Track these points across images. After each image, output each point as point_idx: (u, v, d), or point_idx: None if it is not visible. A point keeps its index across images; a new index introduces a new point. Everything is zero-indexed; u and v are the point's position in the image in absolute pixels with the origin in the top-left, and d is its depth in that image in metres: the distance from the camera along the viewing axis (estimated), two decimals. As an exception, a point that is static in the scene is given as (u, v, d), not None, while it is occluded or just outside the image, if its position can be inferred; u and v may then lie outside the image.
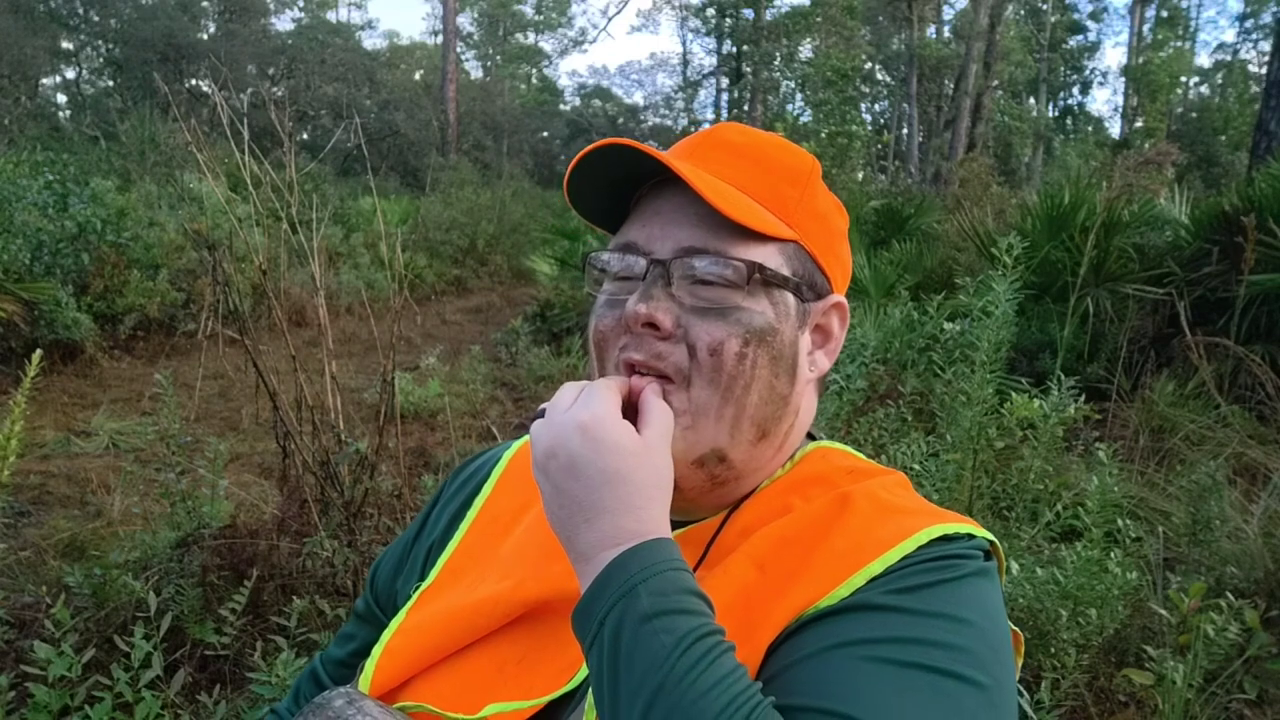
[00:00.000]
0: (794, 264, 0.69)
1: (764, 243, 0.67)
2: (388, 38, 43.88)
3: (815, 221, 0.71)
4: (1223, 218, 5.42)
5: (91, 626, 2.37)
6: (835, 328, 0.73)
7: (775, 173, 0.70)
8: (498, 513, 0.81)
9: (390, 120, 23.92)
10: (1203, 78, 36.70)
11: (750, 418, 0.68)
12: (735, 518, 0.71)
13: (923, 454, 2.55)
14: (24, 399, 2.14)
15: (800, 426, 0.74)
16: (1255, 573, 2.66)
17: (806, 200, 0.71)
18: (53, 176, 7.77)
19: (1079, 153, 19.28)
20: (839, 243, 0.74)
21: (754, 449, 0.69)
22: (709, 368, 0.65)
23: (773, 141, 0.72)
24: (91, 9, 23.67)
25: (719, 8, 31.97)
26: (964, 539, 0.66)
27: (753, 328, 0.66)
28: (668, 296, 0.66)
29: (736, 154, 0.70)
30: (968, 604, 0.62)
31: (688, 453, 0.67)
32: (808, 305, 0.70)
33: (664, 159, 0.65)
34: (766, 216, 0.68)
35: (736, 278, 0.65)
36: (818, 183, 0.72)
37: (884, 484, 0.71)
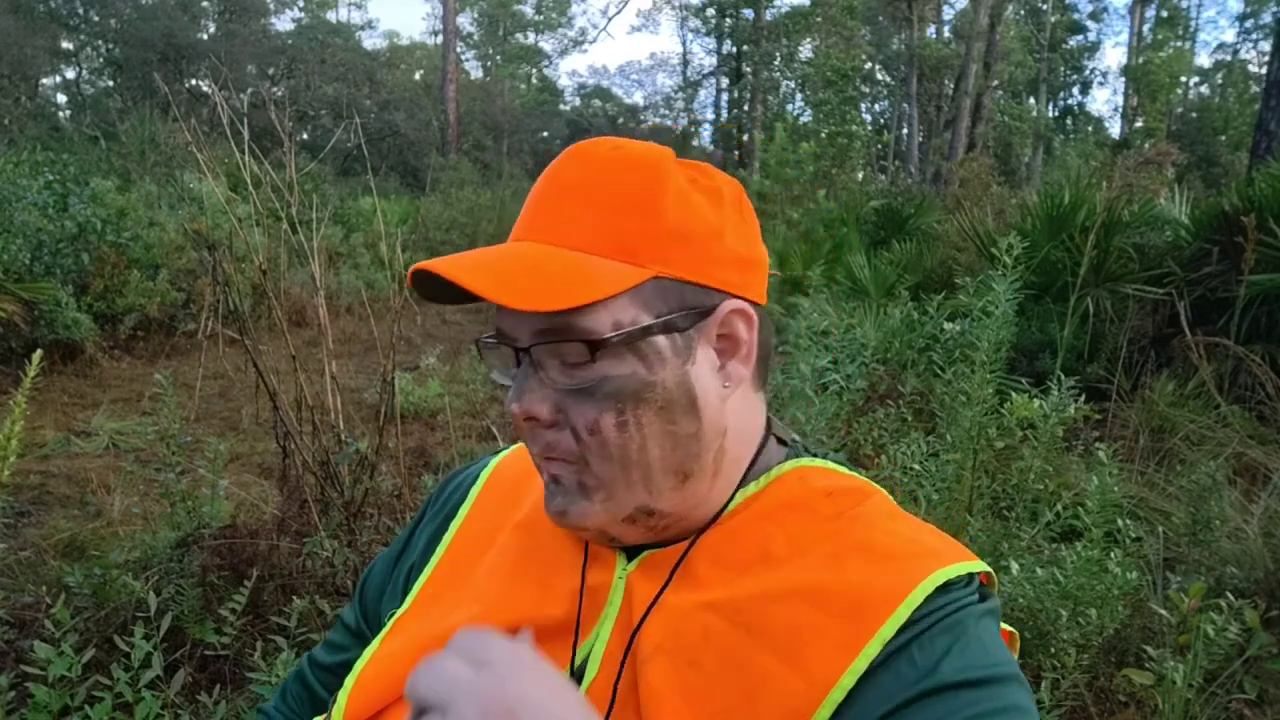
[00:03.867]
0: (656, 302, 0.61)
1: (612, 300, 0.60)
2: (388, 38, 43.89)
3: (672, 242, 0.62)
4: (1223, 218, 5.42)
5: (91, 626, 2.37)
6: (741, 332, 0.65)
7: (612, 208, 0.62)
8: (476, 533, 0.78)
9: (390, 120, 23.92)
10: (1203, 78, 36.71)
11: (661, 470, 0.63)
12: (703, 541, 0.67)
13: (923, 454, 2.55)
14: (24, 399, 2.14)
15: (741, 440, 0.68)
16: (1255, 573, 2.66)
17: (653, 225, 0.62)
18: (53, 176, 7.77)
19: (1079, 153, 19.28)
20: (714, 244, 0.64)
21: (682, 492, 0.65)
22: (595, 446, 0.62)
23: (609, 164, 0.64)
24: (91, 9, 23.67)
25: (719, 8, 31.97)
26: (963, 581, 0.63)
27: (624, 394, 0.61)
28: (540, 384, 0.62)
29: (572, 198, 0.63)
30: (997, 655, 0.60)
31: (615, 516, 0.65)
32: (691, 332, 0.63)
33: (464, 282, 0.58)
34: (599, 275, 0.60)
35: (581, 357, 0.60)
36: (665, 194, 0.62)
37: (869, 515, 0.66)
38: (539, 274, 0.60)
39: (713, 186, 0.66)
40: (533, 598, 0.68)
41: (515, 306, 0.58)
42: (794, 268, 7.36)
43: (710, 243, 0.64)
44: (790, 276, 7.21)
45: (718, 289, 0.64)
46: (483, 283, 0.58)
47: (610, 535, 0.66)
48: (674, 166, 0.64)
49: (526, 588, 0.69)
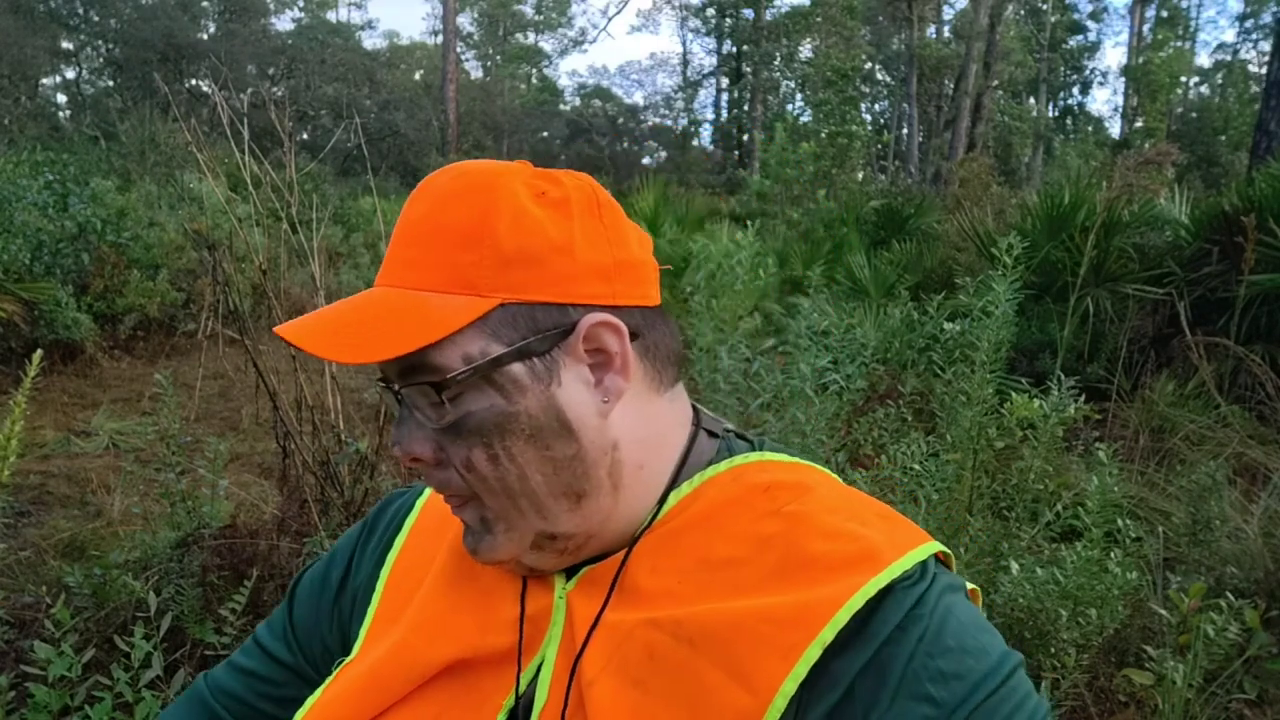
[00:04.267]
0: (506, 331, 0.60)
1: (458, 334, 0.59)
2: (388, 38, 43.92)
3: (513, 267, 0.60)
4: (1223, 218, 5.43)
5: (91, 626, 2.37)
6: (610, 344, 0.62)
7: (448, 242, 0.60)
8: (411, 565, 0.76)
9: (390, 120, 23.93)
10: (1203, 78, 36.72)
11: (550, 495, 0.62)
12: (639, 550, 0.65)
13: (923, 454, 2.55)
14: (24, 399, 2.14)
15: (645, 447, 0.66)
16: (1255, 573, 2.66)
17: (488, 253, 0.60)
18: (53, 176, 7.77)
19: (1079, 153, 19.28)
20: (562, 259, 0.61)
21: (581, 512, 0.63)
22: (475, 482, 0.62)
23: (445, 196, 0.62)
24: (91, 9, 23.67)
25: (719, 8, 31.99)
26: (910, 576, 0.60)
27: (488, 428, 0.60)
28: (419, 425, 0.62)
29: (415, 238, 0.62)
30: (975, 641, 0.58)
31: (521, 544, 0.64)
32: (552, 354, 0.61)
33: (302, 345, 0.59)
34: (437, 314, 0.59)
35: (432, 399, 0.60)
36: (499, 219, 0.60)
37: (808, 510, 0.63)
38: (378, 322, 0.59)
39: (560, 197, 0.62)
40: (474, 625, 0.66)
41: (348, 361, 0.58)
42: (794, 268, 7.37)
43: (557, 259, 0.61)
44: (790, 276, 7.22)
45: (575, 304, 0.61)
46: (317, 343, 0.59)
47: (527, 565, 0.65)
48: (512, 184, 0.62)
49: (467, 616, 0.67)
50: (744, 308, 4.28)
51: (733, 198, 15.82)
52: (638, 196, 8.87)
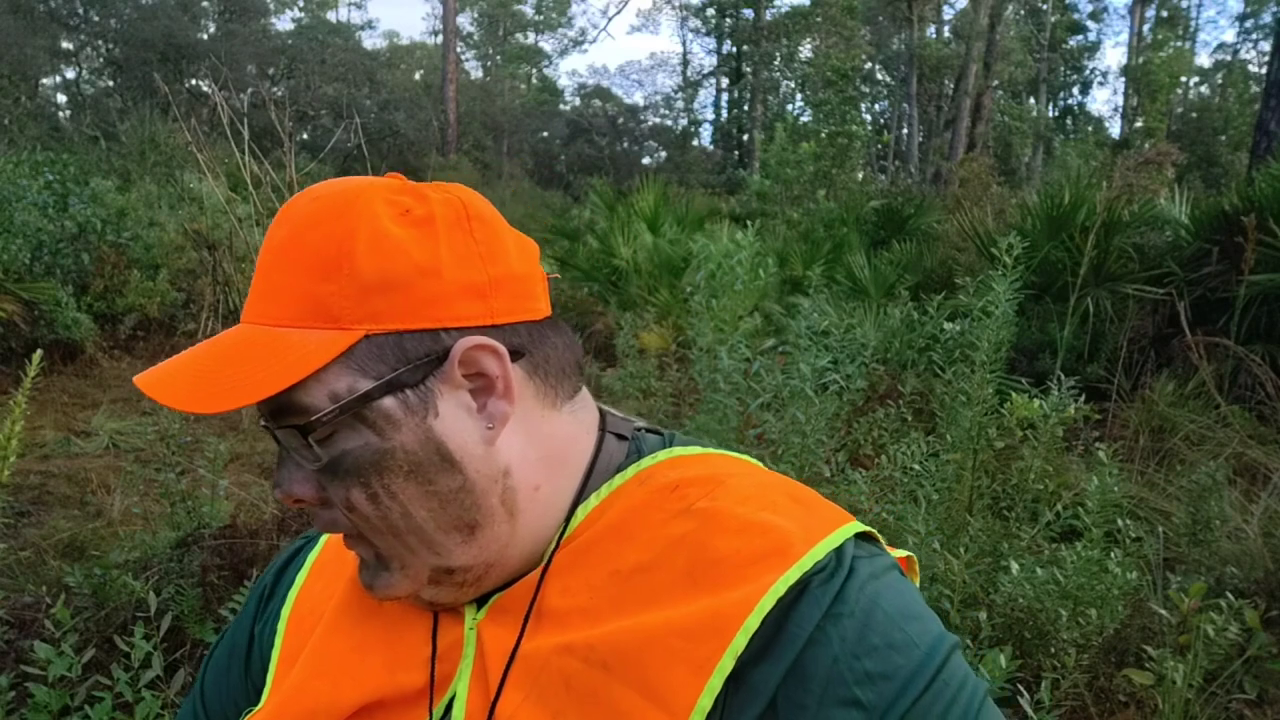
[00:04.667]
0: (373, 364, 0.56)
1: (322, 372, 0.55)
2: (388, 38, 43.93)
3: (375, 295, 0.56)
4: (1223, 218, 5.43)
5: (91, 626, 2.37)
6: (491, 367, 0.58)
7: (307, 273, 0.56)
8: (313, 603, 0.71)
9: (390, 120, 23.94)
10: (1203, 78, 36.72)
11: (439, 530, 0.59)
12: (550, 571, 0.62)
13: (923, 454, 2.55)
14: (24, 399, 2.14)
15: (541, 468, 0.62)
16: (1255, 573, 2.66)
17: (349, 282, 0.56)
18: (53, 176, 7.77)
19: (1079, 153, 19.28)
20: (429, 282, 0.57)
21: (476, 543, 0.60)
22: (359, 522, 0.59)
23: (302, 222, 0.58)
24: (91, 9, 23.68)
25: (719, 8, 31.99)
26: (825, 567, 0.58)
27: (363, 467, 0.57)
28: (299, 466, 0.59)
29: (276, 268, 0.58)
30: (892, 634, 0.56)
31: (417, 580, 0.61)
32: (425, 384, 0.57)
33: (154, 396, 0.56)
34: (296, 353, 0.55)
35: (302, 441, 0.57)
36: (357, 245, 0.56)
37: (718, 507, 0.60)
38: (236, 365, 0.56)
39: (425, 214, 0.58)
40: (382, 664, 0.63)
41: (205, 412, 0.54)
42: (794, 268, 7.37)
43: (423, 282, 0.56)
44: (790, 276, 7.22)
45: (447, 328, 0.57)
46: (173, 393, 0.56)
47: (426, 600, 0.62)
48: (372, 206, 0.57)
49: (374, 655, 0.64)
50: (744, 308, 4.28)
51: (733, 198, 15.82)
52: (638, 196, 8.87)
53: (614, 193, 10.48)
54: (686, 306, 5.63)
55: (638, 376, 4.65)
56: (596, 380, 6.22)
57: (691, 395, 4.43)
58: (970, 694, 0.56)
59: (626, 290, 7.74)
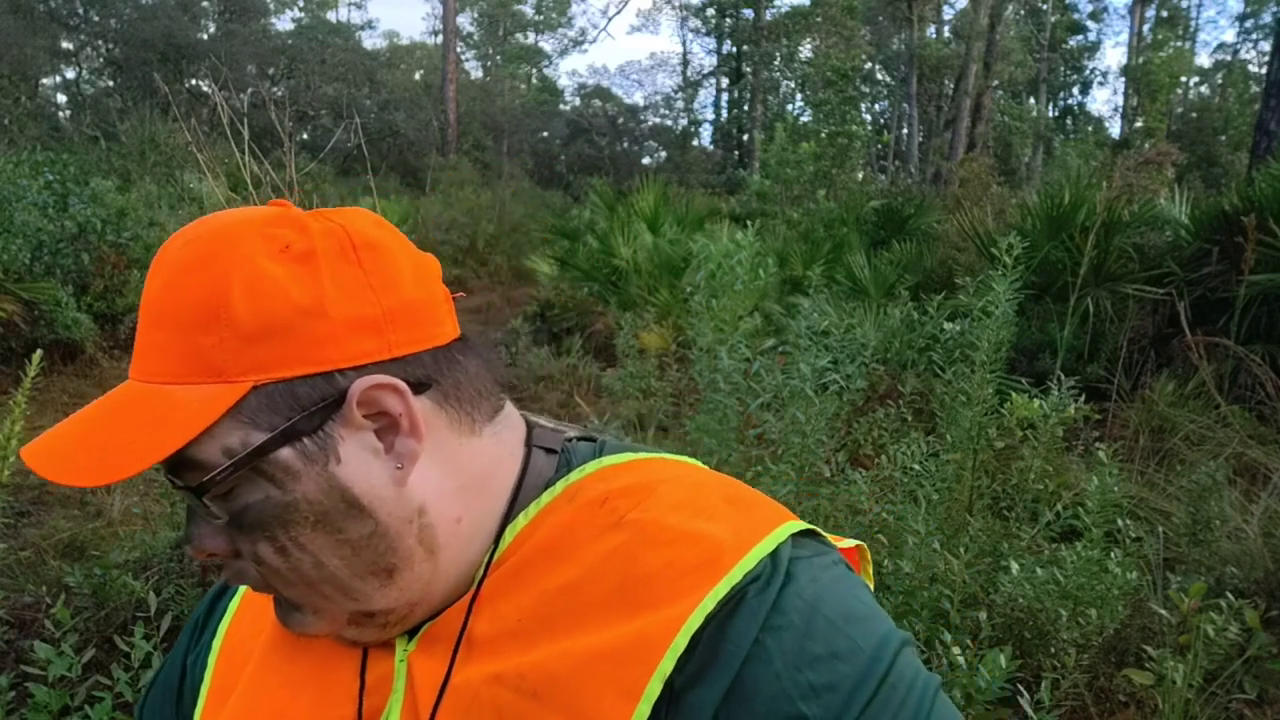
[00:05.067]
0: (265, 415, 0.53)
1: (214, 427, 0.53)
2: (388, 38, 43.91)
3: (257, 344, 0.53)
4: (1223, 218, 5.43)
5: (91, 626, 2.37)
6: (392, 405, 0.55)
7: (184, 325, 0.53)
8: (242, 638, 0.69)
9: (390, 120, 23.94)
10: (1203, 78, 36.72)
11: (354, 577, 0.57)
12: (482, 601, 0.59)
13: (923, 454, 2.55)
14: (24, 399, 2.14)
15: (461, 499, 0.59)
16: (1255, 573, 2.66)
17: (228, 333, 0.52)
18: (53, 176, 7.77)
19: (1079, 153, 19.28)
20: (314, 323, 0.53)
21: (396, 586, 0.58)
22: (270, 573, 0.56)
23: (175, 271, 0.55)
24: (91, 9, 23.68)
25: (719, 8, 31.99)
26: (759, 576, 0.56)
27: (266, 521, 0.54)
28: (209, 520, 0.56)
29: (154, 322, 0.55)
30: (834, 642, 0.54)
31: (335, 625, 0.59)
32: (324, 430, 0.54)
33: (34, 468, 0.53)
34: (180, 413, 0.53)
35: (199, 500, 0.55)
36: (232, 292, 0.53)
37: (647, 519, 0.58)
38: (122, 430, 0.53)
39: (305, 249, 0.54)
40: (310, 702, 0.61)
41: (92, 485, 0.52)
42: (794, 268, 7.37)
43: (308, 324, 0.53)
44: (790, 276, 7.22)
45: (341, 369, 0.54)
46: (58, 467, 0.53)
47: (349, 639, 0.60)
48: (247, 245, 0.54)
49: (302, 692, 0.62)
50: (744, 308, 4.28)
51: (733, 198, 15.82)
52: (638, 196, 8.87)
53: (614, 193, 10.48)
54: (686, 306, 5.63)
55: (638, 376, 4.66)
56: (596, 380, 6.22)
57: (691, 395, 4.43)
58: (920, 694, 0.54)
59: (626, 290, 7.74)
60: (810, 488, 2.45)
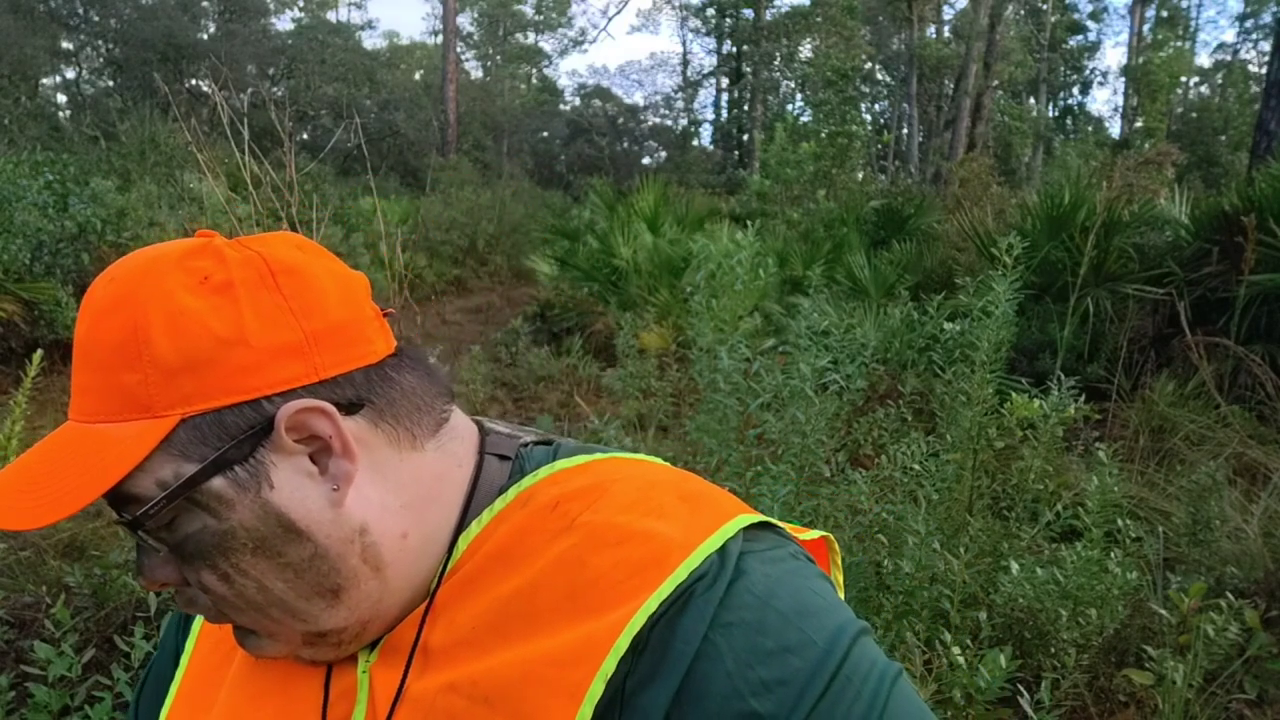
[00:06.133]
0: (195, 446, 0.54)
1: (146, 462, 0.54)
2: (388, 38, 43.92)
3: (180, 377, 0.53)
4: (1223, 218, 5.43)
5: (91, 626, 2.37)
6: (322, 428, 0.55)
7: (108, 365, 0.54)
8: (222, 635, 0.68)
9: (390, 120, 23.95)
10: (1203, 78, 36.72)
11: (300, 599, 0.57)
12: (434, 607, 0.60)
13: (923, 454, 2.55)
14: (24, 399, 2.14)
15: (406, 516, 0.60)
16: (1255, 573, 2.66)
17: (150, 369, 0.53)
18: (53, 176, 7.77)
19: (1079, 153, 19.27)
20: (235, 352, 0.54)
21: (344, 605, 0.58)
22: (220, 602, 0.57)
23: (98, 312, 0.56)
24: (91, 9, 23.68)
25: (719, 8, 31.99)
26: (706, 573, 0.56)
27: (206, 550, 0.55)
28: (156, 552, 0.57)
29: (83, 363, 0.56)
30: (784, 628, 0.54)
31: (290, 646, 0.60)
32: (255, 456, 0.55)
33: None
34: (111, 451, 0.53)
35: (134, 533, 0.55)
36: (150, 329, 0.53)
37: (598, 521, 0.59)
38: (56, 472, 0.54)
39: (223, 280, 0.55)
40: (275, 714, 0.62)
41: (28, 528, 0.52)
42: (794, 268, 7.37)
43: (229, 354, 0.54)
44: (790, 276, 7.22)
45: (268, 396, 0.54)
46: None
47: (308, 658, 0.61)
48: (165, 280, 0.54)
49: (269, 704, 0.62)
50: (744, 308, 4.28)
51: (733, 198, 15.82)
52: (638, 196, 8.87)
53: (614, 193, 10.48)
54: (686, 306, 5.63)
55: (638, 376, 4.66)
56: (596, 380, 6.22)
57: (691, 395, 4.43)
58: (876, 684, 0.53)
59: (626, 290, 7.75)
60: (810, 488, 2.45)
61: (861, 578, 2.23)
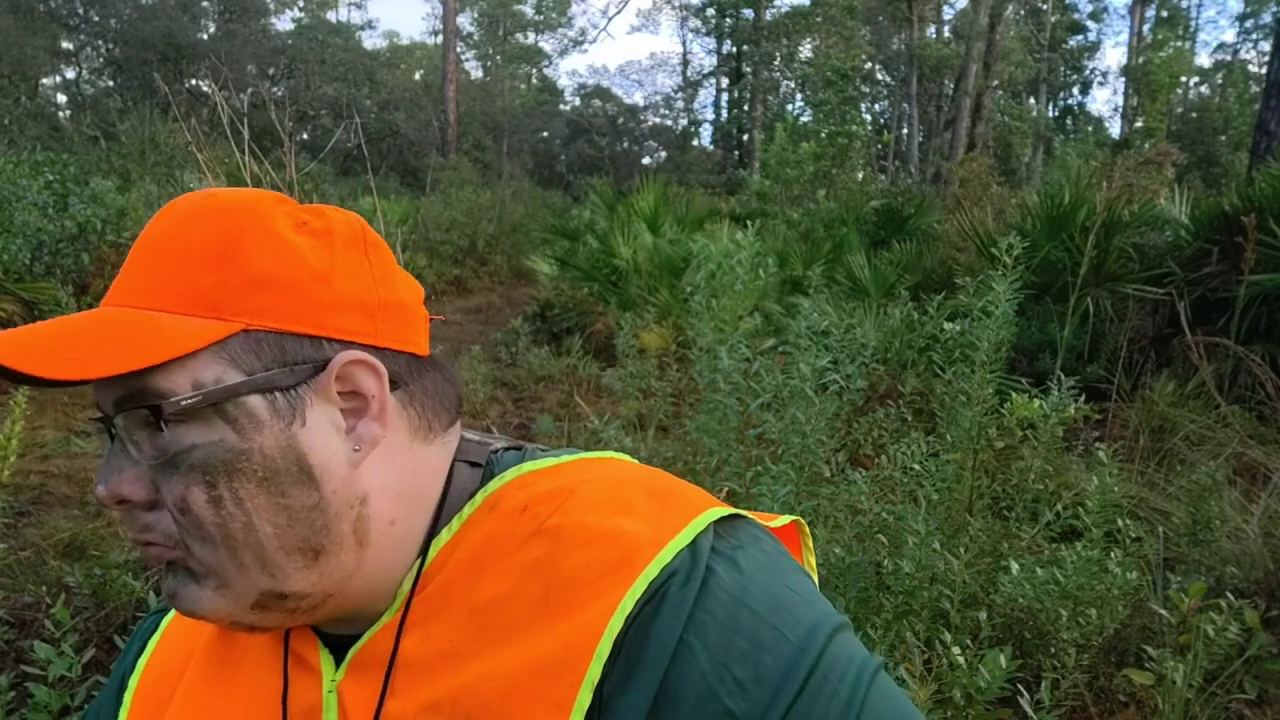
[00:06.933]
0: (247, 358, 0.54)
1: (190, 358, 0.53)
2: (388, 38, 43.96)
3: (261, 291, 0.54)
4: (1223, 218, 5.43)
5: (91, 626, 2.37)
6: (368, 386, 0.57)
7: (190, 260, 0.55)
8: (163, 672, 0.67)
9: (390, 120, 23.96)
10: (1203, 78, 36.73)
11: (280, 550, 0.55)
12: (412, 624, 0.58)
13: (923, 454, 2.55)
14: (24, 399, 2.14)
15: (401, 501, 0.59)
16: (1255, 573, 2.66)
17: (234, 274, 0.54)
18: (53, 176, 7.78)
19: (1079, 153, 19.28)
20: (319, 288, 0.56)
21: (317, 570, 0.56)
22: (190, 527, 0.54)
23: (193, 215, 0.56)
24: (91, 9, 23.69)
25: (719, 8, 31.99)
26: (678, 570, 0.55)
27: (212, 465, 0.53)
28: (133, 462, 0.55)
29: (154, 255, 0.56)
30: (752, 626, 0.53)
31: (238, 605, 0.55)
32: (298, 390, 0.55)
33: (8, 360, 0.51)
34: (168, 333, 0.53)
35: (149, 427, 0.53)
36: (250, 240, 0.55)
37: (567, 523, 0.58)
38: (97, 338, 0.53)
39: (323, 228, 0.58)
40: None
41: (58, 377, 0.50)
42: (794, 268, 7.37)
43: (313, 286, 0.55)
44: (790, 276, 7.22)
45: (330, 338, 0.56)
46: (24, 358, 0.51)
47: (247, 625, 0.57)
48: (269, 211, 0.57)
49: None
50: (744, 308, 4.28)
51: (733, 198, 15.82)
52: (638, 196, 8.87)
53: (614, 193, 10.48)
54: (686, 306, 5.63)
55: (638, 376, 4.65)
56: (596, 380, 6.22)
57: (691, 395, 4.43)
58: (855, 680, 0.52)
59: (626, 290, 7.74)
60: (810, 488, 2.45)
61: (861, 578, 2.23)
